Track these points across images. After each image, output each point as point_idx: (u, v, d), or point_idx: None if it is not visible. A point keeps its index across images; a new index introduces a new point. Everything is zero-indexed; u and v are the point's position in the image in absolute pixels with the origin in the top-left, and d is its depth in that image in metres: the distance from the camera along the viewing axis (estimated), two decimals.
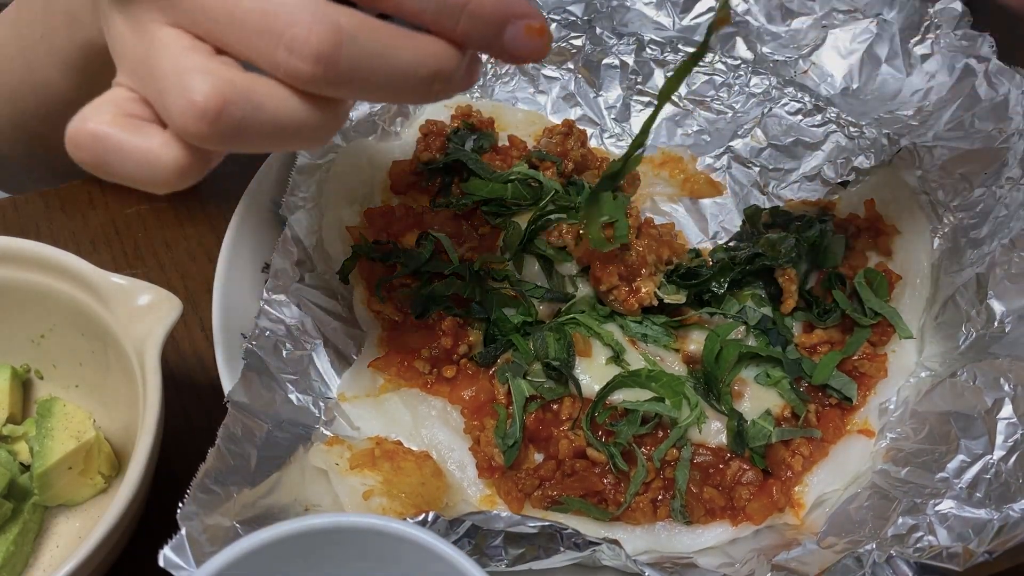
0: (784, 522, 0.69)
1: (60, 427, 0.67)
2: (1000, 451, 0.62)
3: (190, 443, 0.68)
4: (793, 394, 0.72)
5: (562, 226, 0.78)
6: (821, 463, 0.71)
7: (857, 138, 0.87)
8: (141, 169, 0.47)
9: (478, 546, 0.59)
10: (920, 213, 0.81)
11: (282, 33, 0.44)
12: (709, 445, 0.71)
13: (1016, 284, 0.70)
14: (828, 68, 0.92)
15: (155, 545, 0.51)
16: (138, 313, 0.64)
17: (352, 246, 0.78)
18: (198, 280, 0.83)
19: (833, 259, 0.79)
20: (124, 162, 0.47)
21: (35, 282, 0.68)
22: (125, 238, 0.87)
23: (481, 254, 0.77)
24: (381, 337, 0.75)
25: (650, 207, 0.89)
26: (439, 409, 0.72)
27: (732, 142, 0.91)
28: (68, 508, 0.69)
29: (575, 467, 0.69)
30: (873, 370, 0.74)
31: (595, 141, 0.92)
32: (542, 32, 0.50)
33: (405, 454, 0.68)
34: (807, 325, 0.77)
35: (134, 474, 0.58)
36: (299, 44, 0.44)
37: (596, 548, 0.59)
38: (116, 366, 0.68)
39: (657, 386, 0.71)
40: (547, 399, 0.72)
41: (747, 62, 0.92)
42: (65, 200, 0.90)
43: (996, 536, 0.57)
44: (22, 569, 0.66)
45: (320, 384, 0.71)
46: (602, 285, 0.75)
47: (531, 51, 0.51)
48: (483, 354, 0.73)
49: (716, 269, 0.79)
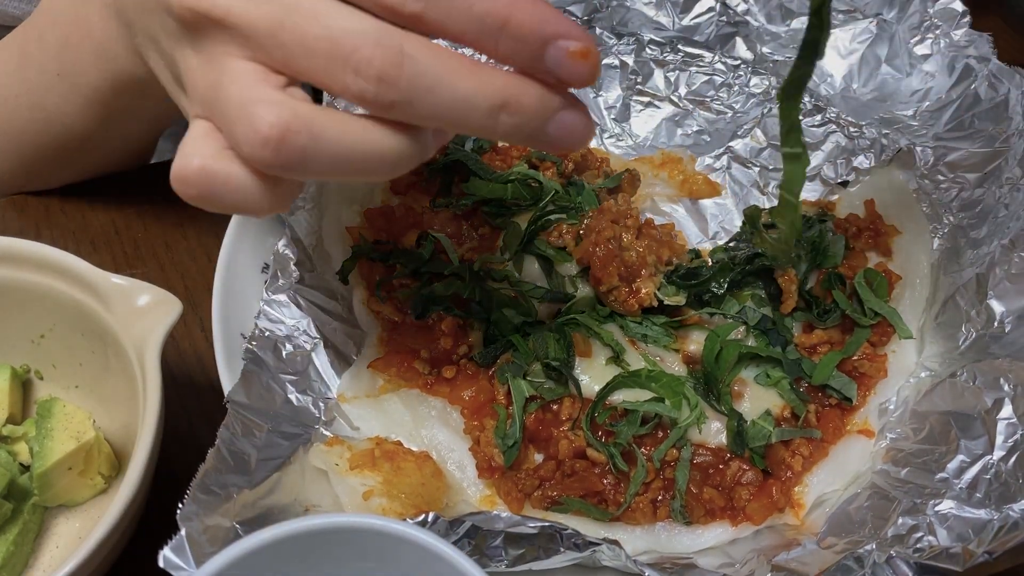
0: (784, 522, 0.69)
1: (60, 427, 0.67)
2: (1000, 451, 0.62)
3: (190, 443, 0.68)
4: (793, 394, 0.72)
5: (562, 226, 0.78)
6: (821, 463, 0.71)
7: (857, 138, 0.87)
8: (247, 199, 0.49)
9: (478, 546, 0.59)
10: (920, 213, 0.81)
11: (348, 57, 0.46)
12: (709, 445, 0.71)
13: (1016, 284, 0.70)
14: (828, 68, 0.92)
15: (155, 545, 0.51)
16: (138, 313, 0.64)
17: (352, 246, 0.78)
18: (198, 280, 0.83)
19: (833, 259, 0.79)
20: (232, 193, 0.49)
21: (35, 282, 0.68)
22: (125, 238, 0.87)
23: (481, 254, 0.77)
24: (381, 337, 0.75)
25: (650, 207, 0.89)
26: (439, 409, 0.72)
27: (732, 142, 0.91)
28: (68, 508, 0.69)
29: (575, 467, 0.69)
30: (873, 370, 0.74)
31: (595, 141, 0.92)
32: (586, 55, 0.48)
33: (405, 454, 0.68)
34: (807, 325, 0.77)
35: (134, 474, 0.58)
36: (364, 65, 0.46)
37: (596, 548, 0.59)
38: (116, 366, 0.68)
39: (657, 386, 0.71)
40: (547, 399, 0.72)
41: (747, 62, 0.92)
42: (65, 200, 0.90)
43: (996, 536, 0.57)
44: (22, 569, 0.66)
45: (320, 384, 0.71)
46: (602, 285, 0.75)
47: (575, 76, 0.49)
48: (483, 354, 0.73)
49: (716, 269, 0.79)
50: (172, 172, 0.49)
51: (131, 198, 0.90)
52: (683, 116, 0.93)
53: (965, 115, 0.82)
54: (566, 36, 0.48)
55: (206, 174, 0.49)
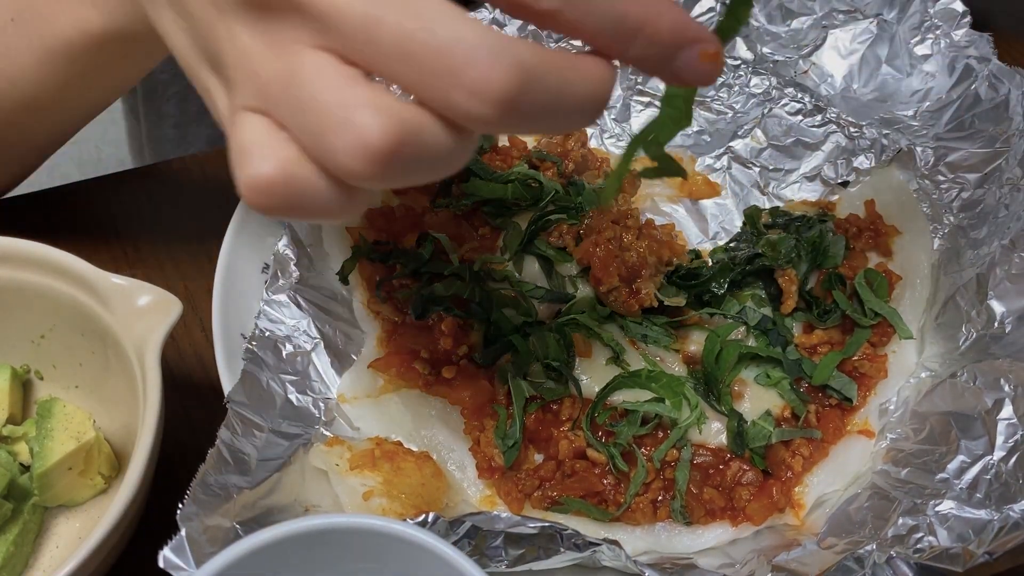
0: (784, 523, 0.69)
1: (60, 427, 0.67)
2: (1000, 452, 0.62)
3: (190, 443, 0.68)
4: (793, 394, 0.72)
5: (562, 226, 0.78)
6: (821, 464, 0.71)
7: (857, 138, 0.87)
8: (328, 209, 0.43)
9: (478, 547, 0.59)
10: (920, 213, 0.81)
11: (461, 74, 0.40)
12: (709, 446, 0.71)
13: (1016, 285, 0.70)
14: (828, 68, 0.92)
15: (155, 545, 0.51)
16: (138, 313, 0.64)
17: (352, 246, 0.78)
18: (198, 280, 0.83)
19: (833, 259, 0.79)
20: (313, 204, 0.43)
21: (35, 282, 0.68)
22: (125, 238, 0.86)
23: (481, 254, 0.77)
24: (381, 338, 0.75)
25: (650, 207, 0.89)
26: (439, 410, 0.72)
27: (732, 142, 0.91)
28: (68, 508, 0.69)
29: (575, 468, 0.69)
30: (873, 371, 0.74)
31: (595, 141, 0.92)
32: (716, 57, 0.46)
33: (405, 455, 0.68)
34: (807, 326, 0.78)
35: (134, 474, 0.58)
36: (481, 86, 0.40)
37: (596, 549, 0.59)
38: (116, 366, 0.68)
39: (657, 387, 0.71)
40: (547, 399, 0.72)
41: (747, 62, 0.92)
42: (65, 200, 0.90)
43: (996, 537, 0.57)
44: (22, 569, 0.66)
45: (320, 384, 0.71)
46: (602, 286, 0.75)
47: (701, 76, 0.46)
48: (483, 354, 0.73)
49: (716, 270, 0.79)
50: (245, 180, 0.42)
51: (131, 198, 0.90)
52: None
53: (965, 115, 0.82)
54: (701, 40, 0.45)
55: (290, 183, 0.42)
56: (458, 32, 0.40)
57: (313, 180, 0.42)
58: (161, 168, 0.95)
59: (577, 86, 0.43)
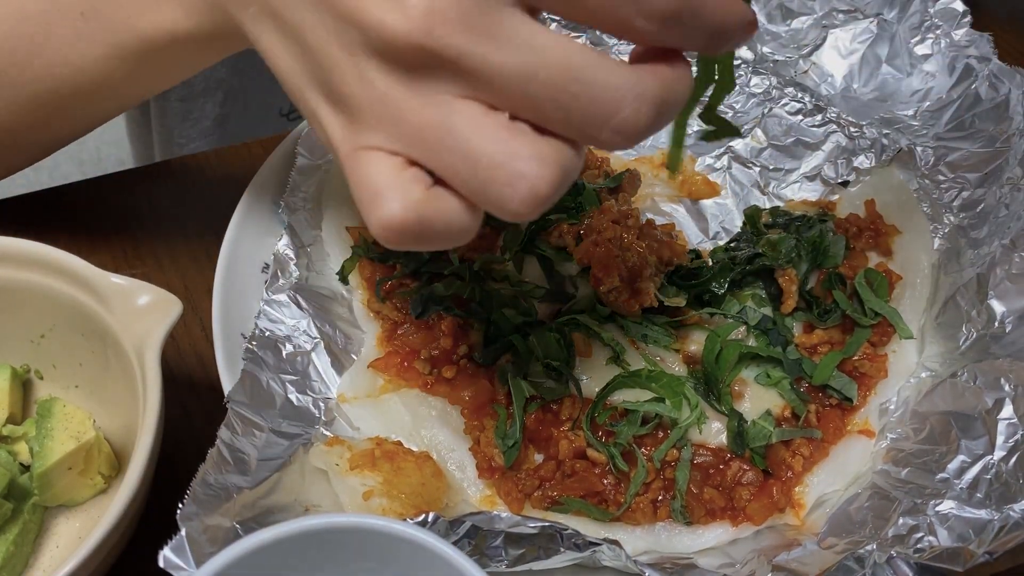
0: (784, 523, 0.69)
1: (60, 427, 0.67)
2: (1000, 451, 0.62)
3: (190, 443, 0.68)
4: (793, 394, 0.72)
5: (562, 226, 0.78)
6: (821, 463, 0.71)
7: (857, 138, 0.87)
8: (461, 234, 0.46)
9: (478, 547, 0.59)
10: (920, 213, 0.81)
11: (610, 116, 0.44)
12: (709, 445, 0.71)
13: (1016, 284, 0.70)
14: (828, 68, 0.92)
15: (155, 545, 0.51)
16: (138, 313, 0.64)
17: (352, 246, 0.78)
18: (198, 280, 0.83)
19: (833, 259, 0.79)
20: (446, 232, 0.46)
21: (35, 282, 0.68)
22: (125, 238, 0.86)
23: (481, 254, 0.77)
24: (381, 337, 0.75)
25: (650, 207, 0.89)
26: (439, 410, 0.72)
27: (732, 142, 0.91)
28: (68, 508, 0.69)
29: (575, 468, 0.69)
30: (873, 370, 0.74)
31: None
32: (755, 22, 0.48)
33: (405, 455, 0.68)
34: (807, 325, 0.77)
35: (134, 474, 0.58)
36: (628, 127, 0.44)
37: (596, 549, 0.59)
38: (116, 366, 0.68)
39: (657, 386, 0.71)
40: (547, 399, 0.72)
41: (747, 62, 0.92)
42: (65, 200, 0.90)
43: (997, 536, 0.57)
44: (22, 569, 0.66)
45: (320, 384, 0.71)
46: (602, 286, 0.75)
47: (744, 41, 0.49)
48: (483, 354, 0.73)
49: (716, 270, 0.78)
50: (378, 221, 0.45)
51: (131, 198, 0.90)
52: None
53: (966, 115, 0.82)
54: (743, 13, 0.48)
55: (422, 223, 0.45)
56: (607, 79, 0.44)
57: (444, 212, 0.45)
58: (161, 168, 0.95)
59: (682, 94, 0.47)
